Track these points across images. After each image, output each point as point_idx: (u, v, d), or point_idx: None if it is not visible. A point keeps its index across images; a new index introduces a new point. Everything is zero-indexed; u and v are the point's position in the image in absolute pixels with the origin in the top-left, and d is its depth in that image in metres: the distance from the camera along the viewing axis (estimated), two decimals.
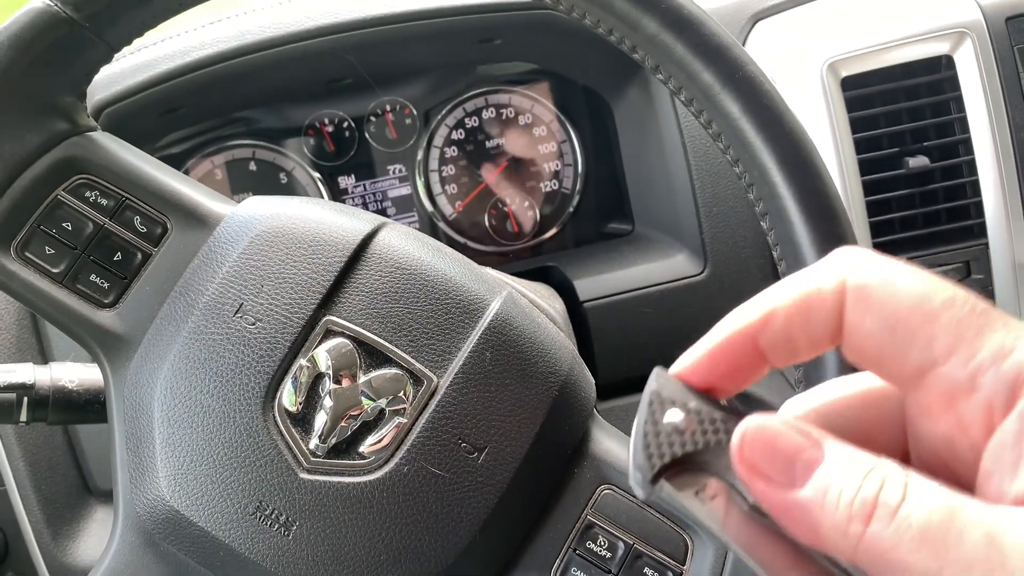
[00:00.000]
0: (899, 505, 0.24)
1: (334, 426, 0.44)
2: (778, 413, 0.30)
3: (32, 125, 0.47)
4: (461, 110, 0.91)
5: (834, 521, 0.25)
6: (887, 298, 0.26)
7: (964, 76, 0.72)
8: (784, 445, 0.26)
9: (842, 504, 0.25)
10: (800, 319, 0.27)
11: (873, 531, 0.24)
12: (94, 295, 0.48)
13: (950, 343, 0.25)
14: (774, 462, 0.26)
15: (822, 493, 0.25)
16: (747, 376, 0.29)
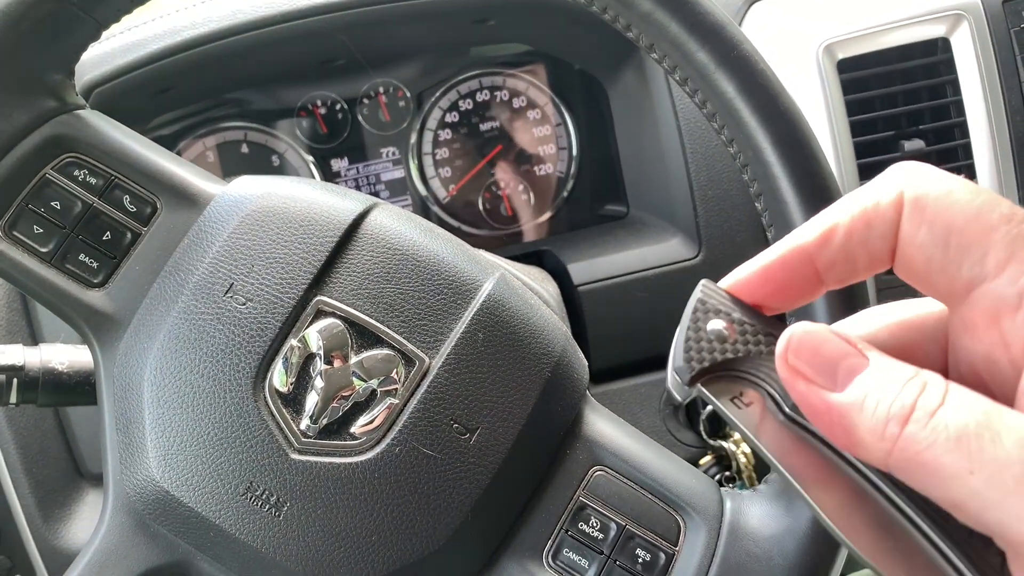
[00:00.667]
0: (937, 408, 0.24)
1: (325, 407, 0.44)
2: None
3: (19, 103, 0.46)
4: (455, 92, 0.90)
5: (872, 424, 0.25)
6: (944, 209, 0.26)
7: (960, 59, 0.72)
8: (829, 350, 0.27)
9: (880, 408, 0.25)
10: (860, 234, 0.27)
11: (909, 431, 0.24)
12: (83, 275, 0.47)
13: (1003, 259, 0.25)
14: (818, 365, 0.27)
15: (862, 397, 0.26)
16: (799, 296, 0.29)
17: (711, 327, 0.29)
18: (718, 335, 0.29)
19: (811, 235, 0.28)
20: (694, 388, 0.29)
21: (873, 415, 0.25)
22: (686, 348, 0.29)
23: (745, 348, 0.29)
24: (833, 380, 0.26)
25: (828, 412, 0.26)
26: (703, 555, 0.45)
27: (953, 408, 0.24)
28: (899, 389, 0.25)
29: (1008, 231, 0.25)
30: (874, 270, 0.28)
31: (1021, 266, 0.25)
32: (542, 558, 0.45)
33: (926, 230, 0.26)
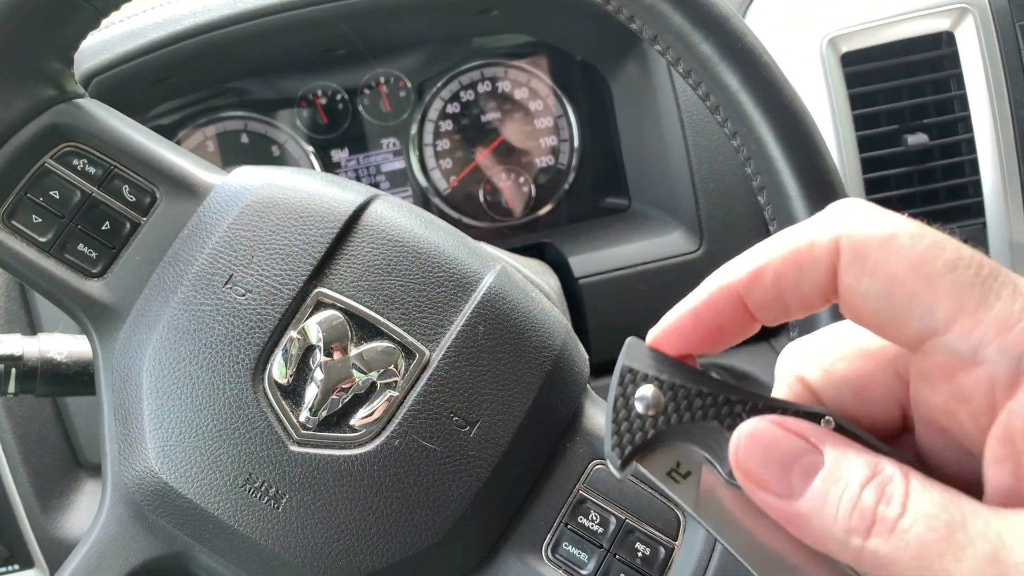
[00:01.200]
0: (898, 519, 0.23)
1: (325, 399, 0.44)
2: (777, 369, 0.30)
3: (18, 91, 0.46)
4: (456, 83, 0.90)
5: (833, 532, 0.24)
6: (885, 259, 0.24)
7: (965, 53, 0.71)
8: (780, 451, 0.25)
9: (840, 516, 0.24)
10: (791, 277, 0.26)
11: (872, 546, 0.23)
12: (82, 265, 0.47)
13: (951, 312, 0.23)
14: (770, 470, 0.25)
15: (821, 504, 0.24)
16: (733, 335, 0.28)
17: (640, 396, 0.27)
18: (647, 405, 0.27)
19: (739, 274, 0.27)
20: (630, 467, 0.27)
21: (834, 524, 0.24)
22: (615, 428, 0.27)
23: (677, 415, 0.27)
24: (788, 486, 0.25)
25: (785, 517, 0.25)
26: (703, 549, 0.45)
27: (915, 517, 0.23)
28: (857, 492, 0.24)
29: (954, 280, 0.23)
30: (808, 311, 0.27)
31: (972, 319, 0.23)
32: (541, 551, 0.45)
33: (868, 281, 0.24)
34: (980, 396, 0.24)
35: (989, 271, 0.24)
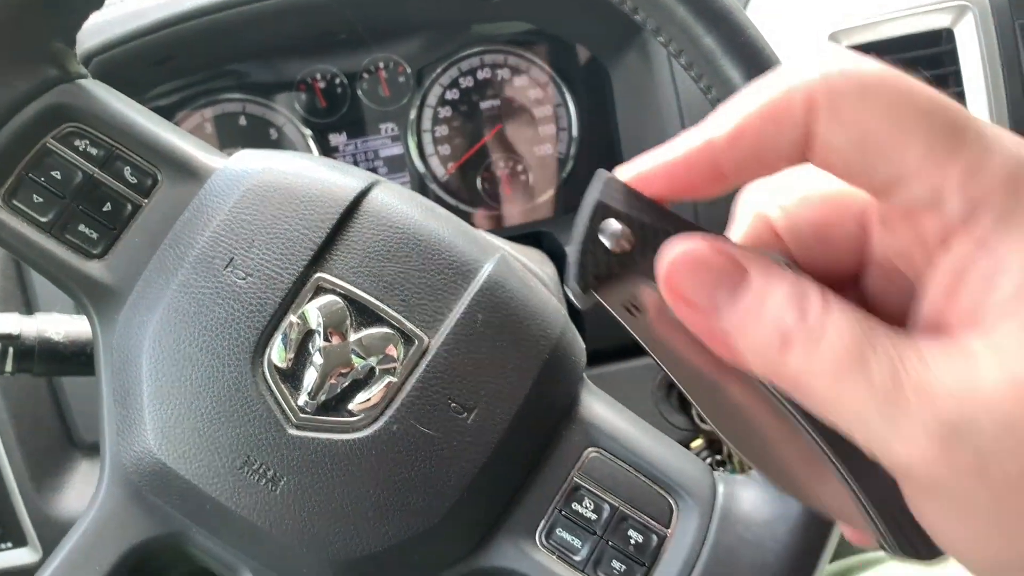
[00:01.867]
0: (813, 335, 0.24)
1: (323, 383, 0.44)
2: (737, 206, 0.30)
3: (20, 71, 0.46)
4: (456, 69, 0.90)
5: (754, 348, 0.25)
6: (860, 110, 0.25)
7: (964, 50, 0.72)
8: (707, 272, 0.26)
9: (760, 332, 0.25)
10: (770, 134, 0.26)
11: (788, 360, 0.25)
12: (83, 245, 0.47)
13: (920, 159, 0.24)
14: (697, 289, 0.26)
15: (743, 321, 0.26)
16: (702, 192, 0.28)
17: (609, 229, 0.28)
18: (615, 240, 0.28)
19: (721, 132, 0.27)
20: (590, 296, 0.28)
21: (755, 340, 0.25)
22: (581, 256, 0.28)
23: (642, 252, 0.28)
24: (713, 304, 0.26)
25: (712, 336, 0.26)
26: (695, 538, 0.45)
27: (829, 335, 0.24)
28: (778, 313, 0.25)
29: (926, 128, 0.24)
30: (782, 168, 0.27)
31: (939, 166, 0.24)
32: (535, 537, 0.45)
33: (842, 135, 0.25)
34: (936, 240, 0.25)
35: (960, 119, 0.24)
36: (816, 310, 0.25)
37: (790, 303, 0.25)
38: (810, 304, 0.25)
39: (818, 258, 0.29)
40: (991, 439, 0.22)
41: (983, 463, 0.23)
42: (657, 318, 0.29)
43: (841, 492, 0.28)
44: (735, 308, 0.26)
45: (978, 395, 0.23)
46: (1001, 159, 0.24)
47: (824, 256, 0.29)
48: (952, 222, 0.24)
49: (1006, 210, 0.24)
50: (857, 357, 0.24)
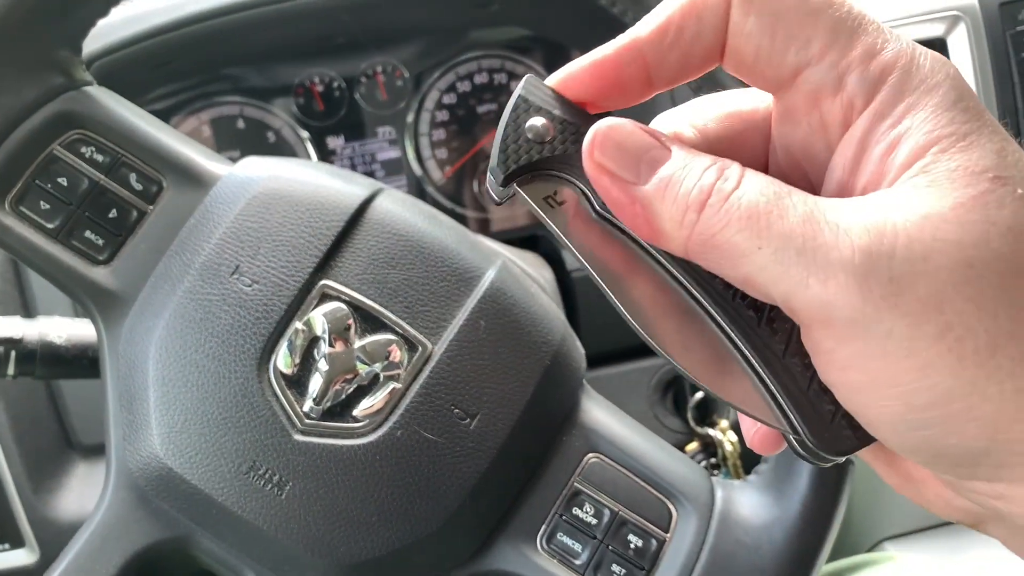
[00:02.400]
0: (731, 192, 0.25)
1: (328, 389, 0.44)
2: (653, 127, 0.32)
3: (28, 78, 0.46)
4: (453, 74, 0.90)
5: (672, 212, 0.26)
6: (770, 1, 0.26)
7: (956, 59, 0.73)
8: (632, 144, 0.27)
9: (680, 195, 0.26)
10: (691, 29, 0.27)
11: (705, 216, 0.26)
12: (89, 251, 0.48)
13: (825, 43, 0.26)
14: (621, 159, 0.27)
15: (664, 186, 0.27)
16: (628, 96, 0.29)
17: (530, 125, 0.29)
18: (536, 133, 0.29)
19: (646, 30, 0.28)
20: (510, 188, 0.29)
21: (673, 203, 0.26)
22: (503, 147, 0.29)
23: (563, 147, 0.29)
24: (636, 173, 0.27)
25: (631, 204, 0.27)
26: (693, 542, 0.46)
27: (746, 191, 0.25)
28: (698, 177, 0.26)
29: (832, 14, 0.26)
30: (705, 68, 0.29)
31: (842, 50, 0.26)
32: (537, 541, 0.46)
33: (754, 19, 0.26)
34: (837, 122, 0.27)
35: (860, 11, 0.27)
36: (735, 171, 0.26)
37: (710, 168, 0.26)
38: (729, 168, 0.26)
39: None
40: (905, 266, 0.23)
41: (898, 289, 0.23)
42: (575, 213, 0.30)
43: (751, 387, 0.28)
44: (656, 176, 0.27)
45: (890, 229, 0.24)
46: (896, 45, 0.26)
47: None
48: (853, 100, 0.26)
49: (902, 84, 0.25)
50: (775, 204, 0.25)
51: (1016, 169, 0.25)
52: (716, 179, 0.26)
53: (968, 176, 0.24)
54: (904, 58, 0.26)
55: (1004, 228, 0.23)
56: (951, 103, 0.25)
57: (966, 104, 0.25)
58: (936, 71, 0.26)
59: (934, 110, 0.25)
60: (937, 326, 0.23)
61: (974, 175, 0.24)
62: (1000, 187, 0.24)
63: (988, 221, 0.23)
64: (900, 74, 0.25)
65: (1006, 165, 0.24)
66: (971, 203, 0.24)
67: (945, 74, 0.26)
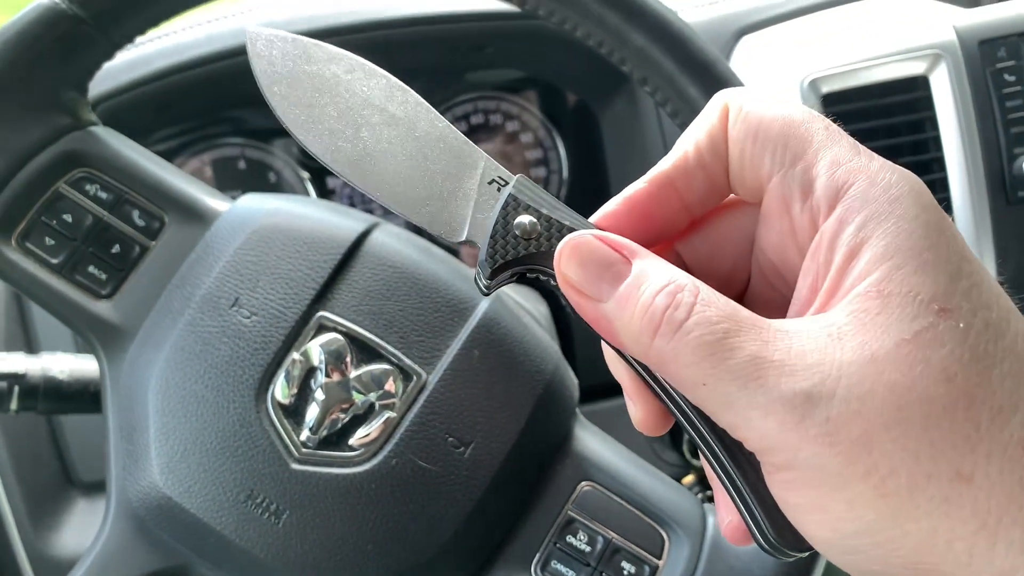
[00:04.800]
0: (682, 323, 0.26)
1: (324, 418, 0.45)
2: None
3: (36, 119, 0.48)
4: (450, 114, 0.92)
5: (629, 332, 0.27)
6: (758, 108, 0.29)
7: (939, 96, 0.74)
8: (595, 260, 0.29)
9: (635, 316, 0.27)
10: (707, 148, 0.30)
11: (657, 344, 0.26)
12: (92, 286, 0.49)
13: (799, 150, 0.28)
14: (585, 276, 0.29)
15: (621, 307, 0.28)
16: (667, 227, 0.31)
17: (518, 222, 0.30)
18: (524, 231, 0.30)
19: (670, 159, 0.30)
20: (495, 281, 0.31)
21: (630, 322, 0.27)
22: (491, 244, 0.30)
23: (548, 244, 0.30)
24: (599, 290, 0.28)
25: (595, 319, 0.29)
26: (685, 568, 0.46)
27: (696, 323, 0.26)
28: (651, 300, 0.27)
29: (807, 127, 0.28)
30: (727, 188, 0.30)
31: (813, 157, 0.27)
32: (531, 569, 0.47)
33: (741, 125, 0.29)
34: (806, 227, 0.28)
35: (836, 128, 0.28)
36: (687, 299, 0.27)
37: (663, 292, 0.27)
38: (681, 294, 0.27)
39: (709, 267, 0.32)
40: (842, 407, 0.24)
41: (833, 428, 0.24)
42: None
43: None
44: (614, 295, 0.28)
45: (834, 369, 0.25)
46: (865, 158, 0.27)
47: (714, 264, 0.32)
48: (819, 205, 0.27)
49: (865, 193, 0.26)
50: (720, 341, 0.26)
51: (965, 298, 0.25)
52: (667, 305, 0.27)
53: (916, 306, 0.25)
54: (870, 169, 0.27)
55: (938, 369, 0.24)
56: (913, 216, 0.26)
57: (928, 218, 0.26)
58: (899, 183, 0.26)
59: (896, 221, 0.26)
60: (865, 465, 0.24)
61: (922, 305, 0.25)
62: (944, 321, 0.25)
63: (925, 361, 0.24)
64: (865, 183, 0.26)
65: (956, 292, 0.25)
66: (913, 341, 0.24)
67: (909, 187, 0.26)
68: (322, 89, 0.33)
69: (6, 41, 0.46)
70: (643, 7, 0.48)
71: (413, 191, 0.32)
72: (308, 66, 0.33)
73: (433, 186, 0.32)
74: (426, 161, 0.32)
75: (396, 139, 0.32)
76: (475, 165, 0.32)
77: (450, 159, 0.32)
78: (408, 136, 0.32)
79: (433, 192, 0.32)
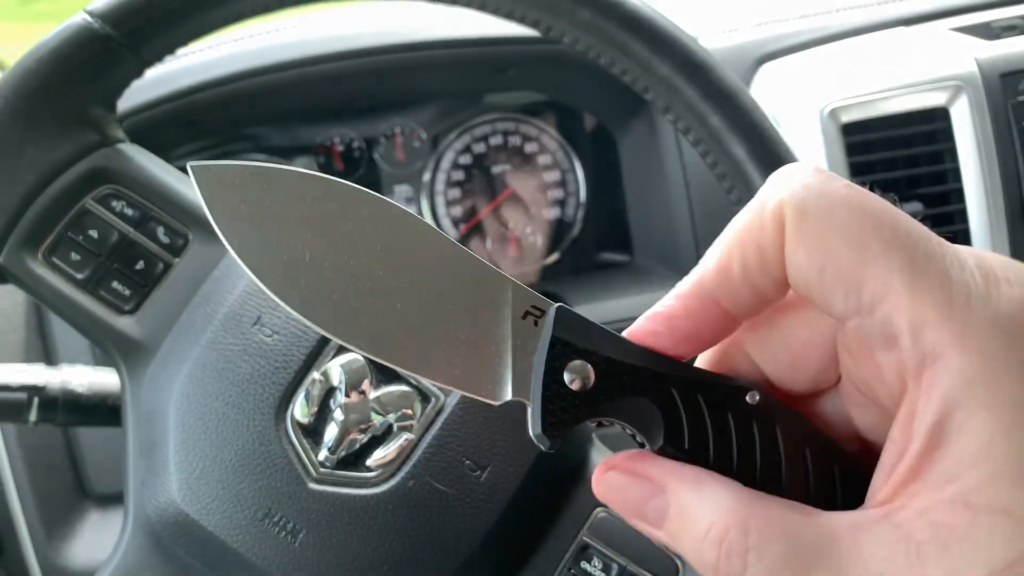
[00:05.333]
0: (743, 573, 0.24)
1: (343, 439, 0.45)
2: None
3: (65, 136, 0.49)
4: (469, 136, 0.93)
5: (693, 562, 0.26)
6: (822, 232, 0.24)
7: (959, 128, 0.74)
8: (631, 498, 0.27)
9: (695, 564, 0.26)
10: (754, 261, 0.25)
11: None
12: (116, 301, 0.49)
13: (877, 294, 0.23)
14: (629, 509, 0.27)
15: (674, 540, 0.26)
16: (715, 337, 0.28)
17: (570, 369, 0.26)
18: (578, 381, 0.26)
19: (710, 271, 0.26)
20: (556, 441, 0.27)
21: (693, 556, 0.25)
22: (545, 406, 0.26)
23: (608, 391, 0.26)
24: (647, 520, 0.27)
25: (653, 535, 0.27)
26: None
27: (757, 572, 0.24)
28: (699, 549, 0.25)
29: (885, 263, 0.23)
30: (782, 295, 0.26)
31: (895, 309, 0.23)
32: None
33: (804, 254, 0.24)
34: (893, 379, 0.24)
35: (924, 253, 0.23)
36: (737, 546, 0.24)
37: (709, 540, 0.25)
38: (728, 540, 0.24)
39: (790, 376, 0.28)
40: None
41: None
42: None
43: None
44: (664, 531, 0.26)
45: None
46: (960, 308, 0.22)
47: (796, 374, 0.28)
48: (907, 367, 0.23)
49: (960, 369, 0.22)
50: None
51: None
52: (718, 557, 0.24)
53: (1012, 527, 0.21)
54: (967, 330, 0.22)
55: None
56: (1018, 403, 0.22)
57: None
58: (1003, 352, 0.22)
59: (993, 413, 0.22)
60: None
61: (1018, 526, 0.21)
62: None
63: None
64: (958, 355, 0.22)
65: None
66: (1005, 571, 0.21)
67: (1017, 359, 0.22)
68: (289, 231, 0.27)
69: (40, 59, 0.47)
70: (667, 36, 0.49)
71: (431, 346, 0.26)
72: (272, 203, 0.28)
73: (455, 333, 0.27)
74: (441, 300, 0.27)
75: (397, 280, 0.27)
76: (503, 296, 0.27)
77: (471, 294, 0.27)
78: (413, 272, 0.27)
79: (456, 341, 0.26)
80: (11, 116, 0.47)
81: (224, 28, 0.51)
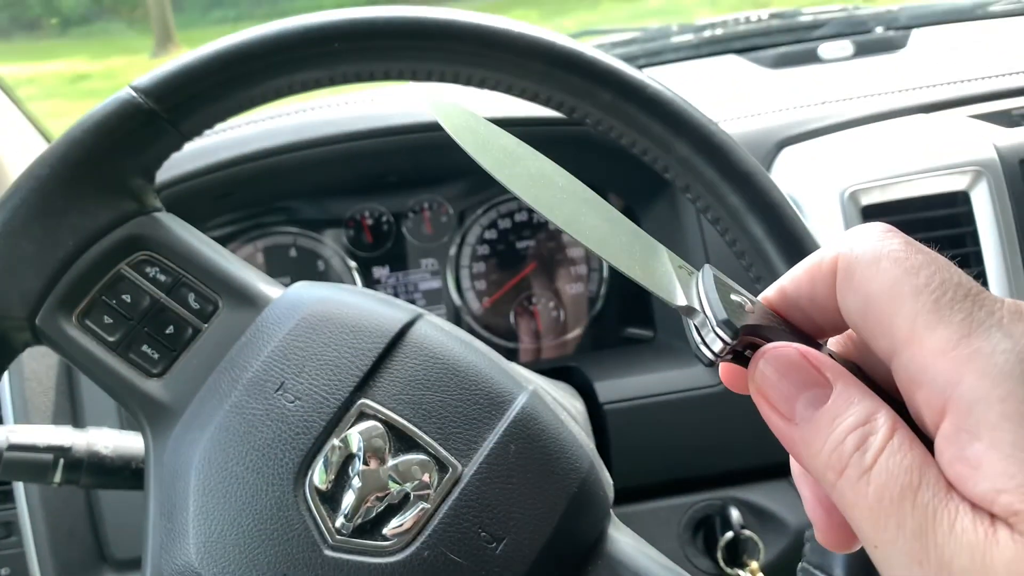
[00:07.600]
0: (866, 471, 0.25)
1: (360, 506, 0.46)
2: None
3: (106, 204, 0.51)
4: (495, 211, 0.95)
5: (816, 463, 0.27)
6: (866, 279, 0.26)
7: (980, 212, 0.75)
8: (795, 377, 0.28)
9: (824, 453, 0.26)
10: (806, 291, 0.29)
11: (840, 486, 0.26)
12: (144, 364, 0.50)
13: (906, 336, 0.25)
14: (781, 392, 0.28)
15: (812, 436, 0.27)
16: None
17: (734, 298, 0.29)
18: (740, 305, 0.29)
19: (770, 292, 0.30)
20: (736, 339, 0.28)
21: (818, 457, 0.26)
22: (724, 305, 0.28)
23: (766, 319, 0.29)
24: (792, 411, 0.27)
25: (784, 438, 0.28)
26: None
27: (879, 472, 0.25)
28: (842, 438, 0.26)
29: (914, 307, 0.25)
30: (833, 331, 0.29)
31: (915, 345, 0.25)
32: None
33: (851, 297, 0.27)
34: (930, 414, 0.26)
35: (951, 298, 0.25)
36: (875, 446, 0.25)
37: (855, 432, 0.26)
38: (873, 438, 0.26)
39: None
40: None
41: None
42: None
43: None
44: (808, 422, 0.27)
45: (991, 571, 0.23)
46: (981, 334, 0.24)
47: None
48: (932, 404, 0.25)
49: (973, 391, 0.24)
50: (896, 504, 0.25)
51: None
52: (855, 449, 0.26)
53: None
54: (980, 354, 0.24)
55: None
56: None
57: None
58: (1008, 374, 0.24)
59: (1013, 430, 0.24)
60: None
61: None
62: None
63: None
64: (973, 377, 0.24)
65: None
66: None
67: None
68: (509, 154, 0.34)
69: (86, 130, 0.50)
70: (686, 118, 0.50)
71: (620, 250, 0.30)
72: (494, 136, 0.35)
73: (633, 252, 0.30)
74: (617, 230, 0.31)
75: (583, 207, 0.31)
76: (658, 248, 0.31)
77: (633, 237, 0.31)
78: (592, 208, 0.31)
79: (633, 251, 0.30)
80: (57, 183, 0.49)
81: (260, 105, 0.53)
